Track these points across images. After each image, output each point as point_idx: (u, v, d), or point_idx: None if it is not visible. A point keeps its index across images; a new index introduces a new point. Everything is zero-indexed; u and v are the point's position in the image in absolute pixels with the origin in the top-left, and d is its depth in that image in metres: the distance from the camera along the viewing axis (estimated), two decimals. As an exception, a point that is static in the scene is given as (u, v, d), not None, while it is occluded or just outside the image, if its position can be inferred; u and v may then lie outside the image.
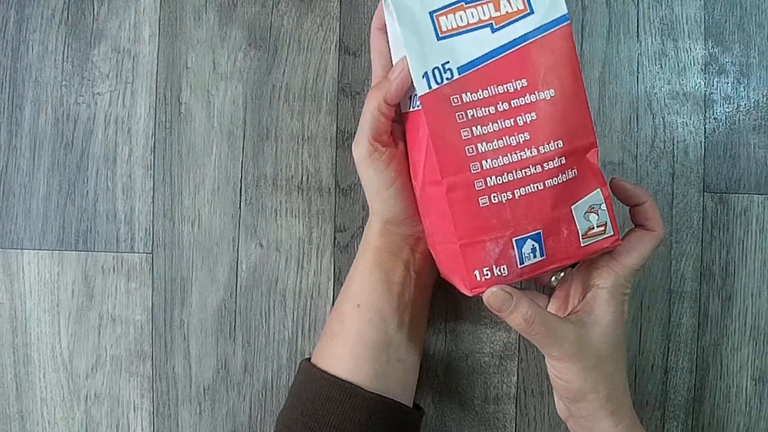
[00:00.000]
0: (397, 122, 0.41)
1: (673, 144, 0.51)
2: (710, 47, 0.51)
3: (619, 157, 0.50)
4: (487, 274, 0.37)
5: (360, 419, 0.41)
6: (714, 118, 0.51)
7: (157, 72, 0.52)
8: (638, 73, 0.51)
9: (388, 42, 0.41)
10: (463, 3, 0.37)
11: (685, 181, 0.50)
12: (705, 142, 0.51)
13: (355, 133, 0.51)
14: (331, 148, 0.51)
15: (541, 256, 0.37)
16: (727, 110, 0.51)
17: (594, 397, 0.39)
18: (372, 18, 0.51)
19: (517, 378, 0.51)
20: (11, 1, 0.52)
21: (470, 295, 0.37)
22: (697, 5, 0.51)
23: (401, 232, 0.42)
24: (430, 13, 0.36)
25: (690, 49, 0.51)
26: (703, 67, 0.51)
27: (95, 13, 0.52)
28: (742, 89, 0.51)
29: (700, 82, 0.51)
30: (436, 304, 0.49)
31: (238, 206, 0.51)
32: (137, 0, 0.52)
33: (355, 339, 0.42)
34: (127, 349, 0.51)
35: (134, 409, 0.51)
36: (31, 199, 0.52)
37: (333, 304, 0.50)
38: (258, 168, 0.51)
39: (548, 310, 0.43)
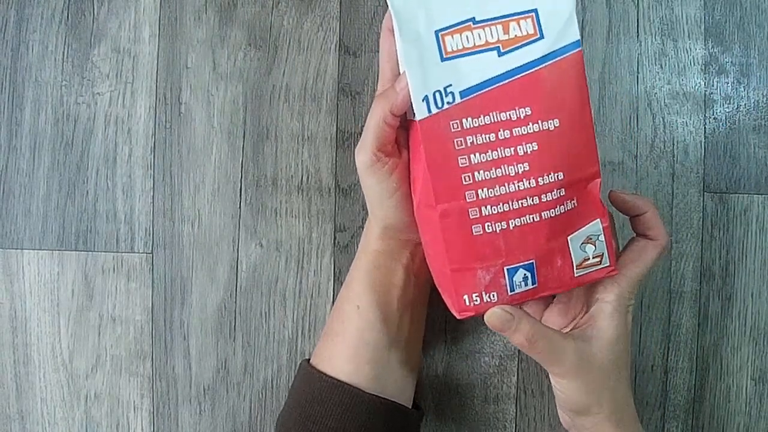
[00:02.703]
0: (402, 128, 0.41)
1: (673, 144, 0.51)
2: (710, 47, 0.51)
3: (619, 157, 0.50)
4: (476, 300, 0.37)
5: (359, 421, 0.41)
6: (714, 118, 0.51)
7: (157, 72, 0.51)
8: (638, 73, 0.51)
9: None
10: (471, 23, 0.35)
11: (685, 181, 0.50)
12: (705, 142, 0.51)
13: (354, 133, 0.51)
14: (331, 148, 0.51)
15: (532, 285, 0.37)
16: (727, 110, 0.51)
17: (598, 410, 0.39)
18: (373, 18, 0.51)
19: (517, 378, 0.51)
20: (11, 1, 0.52)
21: (458, 317, 0.37)
22: (697, 5, 0.50)
23: (401, 237, 0.42)
24: (435, 31, 0.35)
25: (690, 49, 0.51)
26: (703, 67, 0.51)
27: (95, 13, 0.52)
28: (742, 89, 0.51)
29: (700, 82, 0.51)
30: (436, 305, 0.48)
31: (238, 206, 0.51)
32: (137, 0, 0.52)
33: (355, 341, 0.42)
34: (127, 349, 0.51)
35: (134, 409, 0.51)
36: (31, 199, 0.52)
37: (333, 304, 0.50)
38: (258, 168, 0.51)
39: (548, 316, 0.42)
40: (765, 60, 0.51)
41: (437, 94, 0.35)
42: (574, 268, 0.37)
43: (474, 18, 0.35)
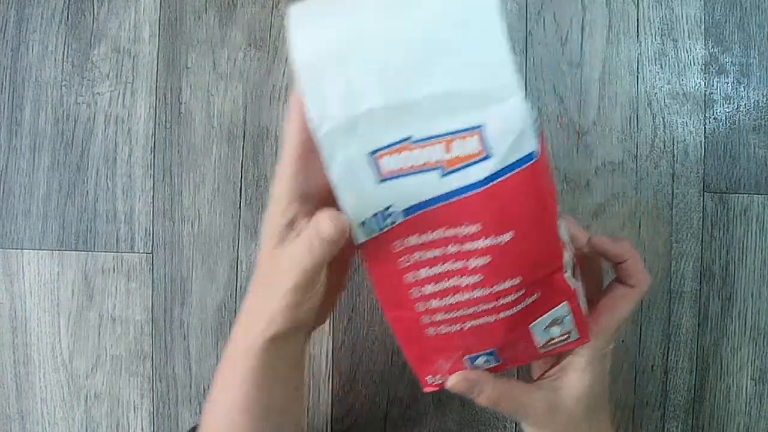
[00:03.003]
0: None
1: (673, 144, 0.50)
2: (710, 47, 0.51)
3: (619, 157, 0.50)
4: (438, 380, 0.36)
5: None
6: (714, 118, 0.51)
7: (157, 72, 0.52)
8: (638, 73, 0.51)
9: None
10: (409, 143, 0.30)
11: (685, 181, 0.50)
12: (705, 142, 0.51)
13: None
14: (331, 148, 0.51)
15: (495, 363, 0.36)
16: (727, 110, 0.51)
17: None
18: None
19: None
20: (11, 1, 0.52)
21: (424, 391, 0.37)
22: (697, 5, 0.50)
23: (301, 339, 0.37)
24: (369, 153, 0.30)
25: (690, 49, 0.51)
26: (703, 67, 0.51)
27: (95, 13, 0.52)
28: (742, 89, 0.51)
29: (700, 82, 0.51)
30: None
31: (238, 206, 0.51)
32: (137, 0, 0.52)
33: None
34: (127, 349, 0.51)
35: (134, 409, 0.51)
36: (31, 199, 0.52)
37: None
38: (258, 168, 0.51)
39: None
40: (765, 60, 0.51)
41: (377, 216, 0.31)
42: (538, 348, 0.36)
43: (411, 137, 0.30)
